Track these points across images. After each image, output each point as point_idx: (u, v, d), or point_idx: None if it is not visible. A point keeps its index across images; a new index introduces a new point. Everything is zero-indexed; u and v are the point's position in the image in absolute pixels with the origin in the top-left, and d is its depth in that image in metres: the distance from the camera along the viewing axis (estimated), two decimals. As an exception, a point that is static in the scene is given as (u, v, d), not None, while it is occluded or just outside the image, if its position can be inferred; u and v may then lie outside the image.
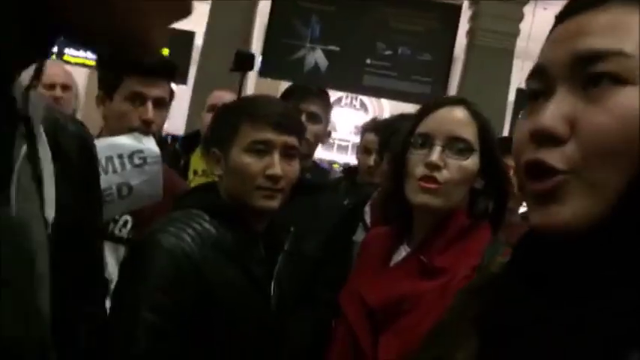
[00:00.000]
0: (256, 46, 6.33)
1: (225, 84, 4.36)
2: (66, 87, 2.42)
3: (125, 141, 1.34)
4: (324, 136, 1.86)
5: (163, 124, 1.57)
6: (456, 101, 1.09)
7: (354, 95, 9.19)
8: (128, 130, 1.41)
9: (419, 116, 1.09)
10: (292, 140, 1.13)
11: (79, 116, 2.40)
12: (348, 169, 2.59)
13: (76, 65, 6.44)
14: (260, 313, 1.12)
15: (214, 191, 1.16)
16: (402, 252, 1.10)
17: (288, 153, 1.13)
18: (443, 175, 1.01)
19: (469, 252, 1.00)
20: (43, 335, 0.49)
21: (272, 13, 6.28)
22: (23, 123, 0.85)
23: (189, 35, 6.22)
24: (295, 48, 6.36)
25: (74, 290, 0.93)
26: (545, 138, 0.46)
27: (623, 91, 0.45)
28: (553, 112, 0.46)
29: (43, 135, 0.90)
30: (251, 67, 2.46)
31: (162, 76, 1.49)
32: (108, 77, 1.47)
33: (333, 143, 10.01)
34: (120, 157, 1.31)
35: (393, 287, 1.01)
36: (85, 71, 7.04)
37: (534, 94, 0.51)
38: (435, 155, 1.01)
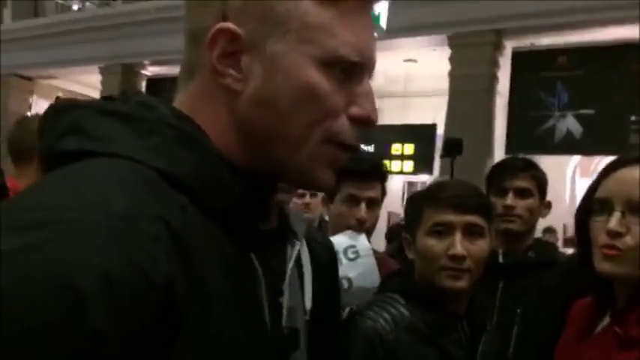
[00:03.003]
0: (501, 124, 6.26)
1: (467, 170, 4.41)
2: (313, 194, 2.81)
3: (340, 239, 1.53)
4: (541, 209, 1.76)
5: (376, 221, 1.72)
6: (635, 160, 0.99)
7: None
8: (346, 228, 1.60)
9: (597, 179, 1.01)
10: (474, 219, 1.15)
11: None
12: None
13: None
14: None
15: (409, 275, 1.24)
16: (606, 322, 1.02)
17: (471, 232, 1.15)
18: (625, 242, 0.93)
19: None
20: None
21: (512, 89, 6.20)
22: (292, 234, 1.14)
23: (432, 128, 6.53)
24: (542, 119, 6.09)
25: None
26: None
27: None
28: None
29: (305, 243, 1.16)
30: (460, 152, 2.49)
31: (374, 179, 1.68)
32: None
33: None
34: (336, 252, 1.50)
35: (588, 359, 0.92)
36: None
37: None
38: (614, 222, 0.93)
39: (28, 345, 0.38)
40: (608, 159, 1.11)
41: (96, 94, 9.03)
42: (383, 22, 5.59)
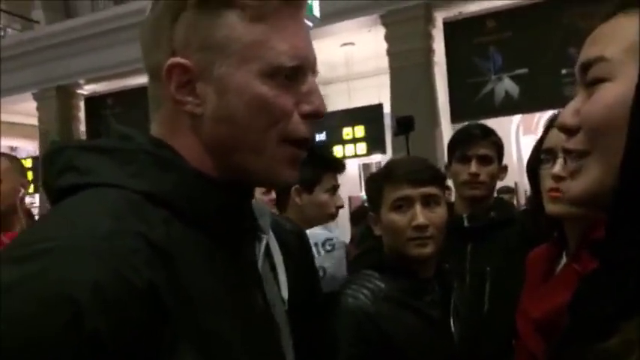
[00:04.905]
0: (443, 95, 6.45)
1: (416, 143, 4.55)
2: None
3: (319, 231, 1.64)
4: (499, 174, 1.85)
5: None
6: None
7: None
8: (329, 216, 1.78)
9: (543, 133, 1.12)
10: (430, 190, 1.23)
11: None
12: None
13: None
14: (443, 349, 1.20)
15: (379, 250, 1.32)
16: (563, 263, 1.12)
17: (429, 202, 1.23)
18: (567, 184, 1.02)
19: None
20: None
21: (448, 59, 6.39)
22: (257, 228, 1.18)
23: (379, 107, 6.65)
24: (480, 85, 6.30)
25: (310, 354, 1.16)
26: (563, 130, 0.58)
27: (604, 87, 0.54)
28: (567, 110, 0.58)
29: (272, 234, 1.20)
30: (412, 128, 2.60)
31: (343, 171, 1.91)
32: (308, 176, 1.77)
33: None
34: (315, 245, 1.59)
35: (553, 298, 1.02)
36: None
37: None
38: (557, 167, 1.04)
39: (43, 349, 0.48)
40: (548, 114, 1.20)
41: (35, 122, 8.73)
42: (316, 11, 5.64)
